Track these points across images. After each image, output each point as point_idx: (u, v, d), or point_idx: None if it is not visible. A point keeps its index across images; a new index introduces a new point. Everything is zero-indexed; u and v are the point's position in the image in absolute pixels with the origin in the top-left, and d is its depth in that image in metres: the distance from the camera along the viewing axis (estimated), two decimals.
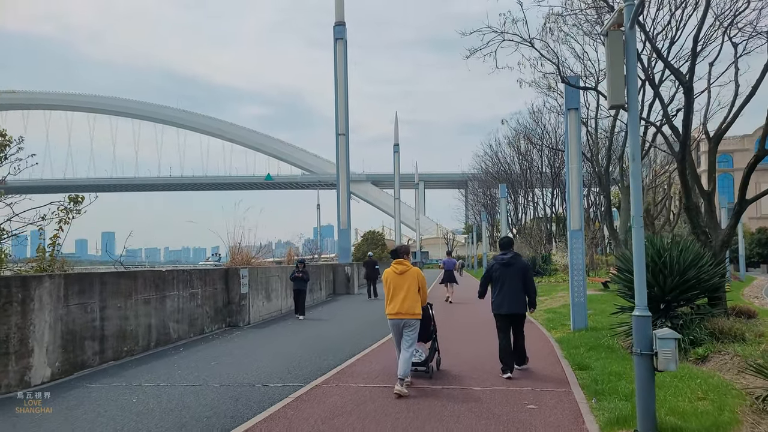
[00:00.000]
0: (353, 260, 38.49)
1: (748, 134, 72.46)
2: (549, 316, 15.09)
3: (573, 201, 11.82)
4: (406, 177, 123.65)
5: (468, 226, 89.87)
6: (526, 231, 50.96)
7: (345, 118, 26.59)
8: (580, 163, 11.95)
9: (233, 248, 15.12)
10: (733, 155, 73.10)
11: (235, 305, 13.83)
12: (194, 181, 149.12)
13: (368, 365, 8.60)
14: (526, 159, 54.40)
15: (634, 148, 5.17)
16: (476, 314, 14.70)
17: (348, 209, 26.62)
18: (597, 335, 10.63)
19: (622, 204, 17.82)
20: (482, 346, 9.79)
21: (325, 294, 23.01)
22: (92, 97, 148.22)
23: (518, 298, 7.77)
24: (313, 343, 10.96)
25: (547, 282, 28.08)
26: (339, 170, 26.50)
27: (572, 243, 11.84)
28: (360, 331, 12.63)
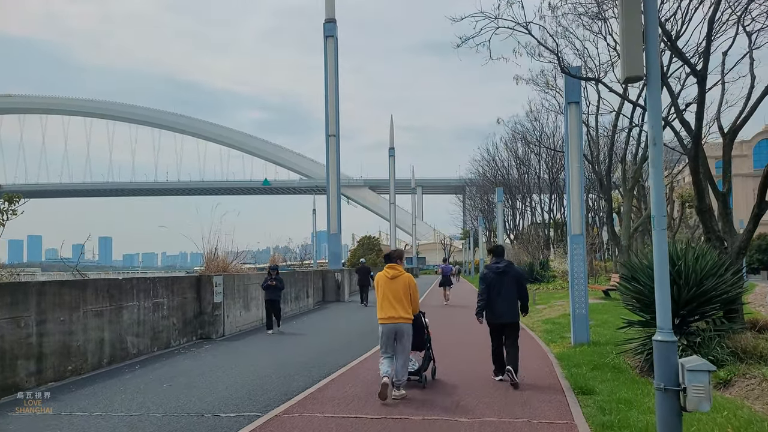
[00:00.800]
0: (350, 266, 37.55)
1: (746, 140, 71.92)
2: (548, 327, 14.04)
3: (573, 203, 10.80)
4: (403, 182, 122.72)
5: (465, 231, 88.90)
6: (523, 236, 49.98)
7: (335, 119, 25.59)
8: (582, 161, 10.94)
9: (208, 254, 14.06)
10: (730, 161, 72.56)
11: (208, 316, 12.76)
12: (191, 186, 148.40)
13: (342, 388, 7.54)
14: (523, 163, 53.49)
15: (656, 129, 4.15)
16: (472, 316, 13.73)
17: (339, 213, 25.59)
18: (600, 351, 9.58)
19: (624, 207, 16.82)
20: (477, 350, 9.73)
21: (312, 302, 21.94)
22: (89, 101, 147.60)
23: (513, 307, 7.75)
24: (285, 359, 9.89)
25: (545, 289, 27.02)
26: (329, 173, 25.48)
27: (572, 249, 10.82)
28: (341, 346, 11.57)
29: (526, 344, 11.37)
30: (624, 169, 16.86)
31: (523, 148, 52.90)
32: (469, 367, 8.94)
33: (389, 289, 6.94)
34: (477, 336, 10.36)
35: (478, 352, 9.50)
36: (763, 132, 73.46)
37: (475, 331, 10.48)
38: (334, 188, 25.48)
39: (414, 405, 6.62)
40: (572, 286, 10.83)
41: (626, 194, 16.50)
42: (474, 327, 10.56)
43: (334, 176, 25.40)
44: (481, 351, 8.99)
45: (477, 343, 10.25)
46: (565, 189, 11.10)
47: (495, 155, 58.90)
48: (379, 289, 7.05)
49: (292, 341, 12.22)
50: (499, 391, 7.28)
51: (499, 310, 7.65)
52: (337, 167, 25.47)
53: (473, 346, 10.61)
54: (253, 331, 14.10)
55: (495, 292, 7.69)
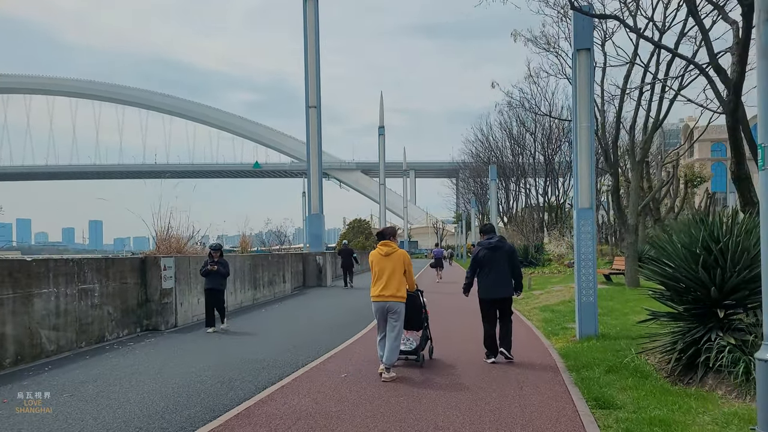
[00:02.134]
0: (338, 248, 35.86)
1: None
2: (546, 316, 12.41)
3: (582, 171, 9.08)
4: (396, 165, 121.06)
5: (458, 214, 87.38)
6: (517, 219, 48.39)
7: (316, 89, 23.67)
8: (593, 121, 9.19)
9: (160, 234, 12.27)
10: (727, 144, 71.24)
11: (156, 304, 11.02)
12: (180, 169, 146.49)
13: (286, 401, 5.84)
14: (518, 143, 51.74)
15: None
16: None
17: (320, 192, 23.78)
18: (613, 347, 7.92)
19: (632, 182, 15.12)
20: (471, 328, 9.78)
21: (290, 287, 20.23)
22: (75, 81, 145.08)
23: (506, 282, 7.62)
24: (235, 357, 8.18)
25: (540, 273, 25.45)
26: (310, 148, 23.61)
27: (579, 225, 9.11)
28: (308, 339, 9.87)
29: (522, 336, 9.73)
30: (632, 138, 15.12)
31: (518, 128, 51.19)
32: (464, 345, 8.93)
33: (383, 266, 6.77)
34: (470, 313, 9.94)
35: (472, 330, 9.40)
36: None
37: (467, 308, 10.37)
38: (315, 164, 23.64)
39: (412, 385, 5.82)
40: (578, 270, 9.15)
41: (635, 167, 14.80)
42: (466, 304, 10.08)
43: (315, 151, 23.54)
44: (476, 329, 8.52)
45: (471, 319, 10.11)
46: (574, 153, 9.35)
47: (489, 135, 57.17)
48: (373, 266, 6.88)
49: (251, 334, 10.51)
50: (496, 371, 7.15)
51: (492, 286, 7.55)
52: (319, 141, 23.59)
53: (466, 323, 10.78)
54: None
55: (487, 268, 7.58)
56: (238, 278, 15.07)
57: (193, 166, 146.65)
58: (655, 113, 14.25)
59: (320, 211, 23.71)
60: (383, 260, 6.81)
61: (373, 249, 7.12)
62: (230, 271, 11.17)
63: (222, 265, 10.60)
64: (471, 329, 11.28)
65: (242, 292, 15.31)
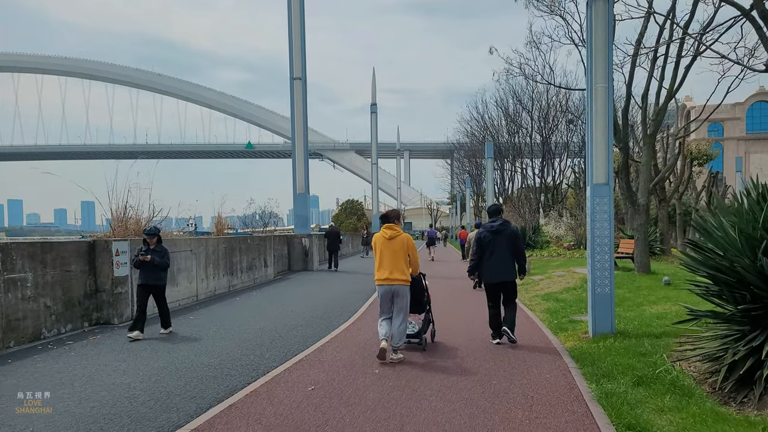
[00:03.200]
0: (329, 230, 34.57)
1: (740, 102, 69.11)
2: (550, 306, 11.15)
3: (598, 140, 7.72)
4: (390, 146, 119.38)
5: (453, 196, 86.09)
6: (513, 200, 47.15)
7: (301, 59, 22.09)
8: (611, 77, 7.80)
9: (116, 214, 10.84)
10: (724, 124, 69.83)
11: (107, 294, 9.66)
12: (172, 149, 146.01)
13: (231, 429, 4.53)
14: (514, 122, 50.26)
15: None
16: (457, 271, 13.99)
17: (306, 169, 22.34)
18: (636, 349, 6.65)
19: (643, 157, 13.75)
20: (469, 308, 10.22)
21: (273, 272, 18.90)
22: (63, 59, 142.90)
23: (509, 266, 7.56)
24: (185, 362, 6.85)
25: (539, 256, 24.21)
26: (294, 123, 22.10)
27: (594, 203, 7.78)
28: (277, 337, 8.56)
29: (526, 331, 8.48)
30: (645, 109, 13.71)
31: (515, 105, 49.67)
32: (466, 327, 8.98)
33: (387, 249, 6.75)
34: (464, 291, 10.32)
35: (469, 310, 9.68)
36: (757, 94, 70.85)
37: (461, 286, 10.53)
38: (301, 141, 22.15)
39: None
40: (591, 255, 7.85)
41: (646, 141, 13.41)
42: (460, 282, 11.12)
43: (301, 126, 22.03)
44: (471, 309, 8.90)
45: (467, 299, 10.44)
46: (588, 118, 7.98)
47: (484, 113, 55.65)
48: (377, 250, 6.84)
49: (214, 330, 9.16)
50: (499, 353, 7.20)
51: (494, 270, 7.52)
52: (304, 115, 22.06)
53: (462, 302, 10.96)
54: (181, 311, 11.06)
55: (489, 251, 7.56)
56: (211, 263, 13.72)
57: (184, 146, 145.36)
58: (671, 78, 12.84)
59: (306, 191, 22.29)
60: (387, 244, 6.75)
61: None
62: (169, 263, 9.21)
63: (159, 254, 8.36)
64: (467, 309, 11.00)
65: (216, 279, 13.97)
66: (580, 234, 25.41)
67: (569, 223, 28.10)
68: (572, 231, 28.94)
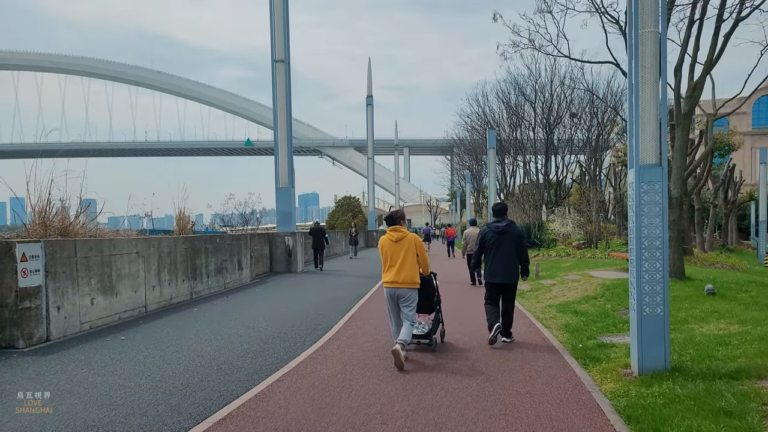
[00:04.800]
0: (328, 229, 32.48)
1: (746, 95, 67.13)
2: (569, 322, 9.07)
3: (645, 107, 5.62)
4: (388, 142, 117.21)
5: (452, 192, 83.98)
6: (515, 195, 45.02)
7: (284, 41, 20.00)
8: (664, 23, 5.69)
9: (39, 209, 8.76)
10: (729, 119, 67.97)
11: (10, 310, 7.59)
12: (171, 146, 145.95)
13: None
14: (516, 114, 48.08)
15: None
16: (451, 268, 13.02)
17: (290, 161, 20.27)
18: (714, 402, 4.58)
19: (677, 141, 11.65)
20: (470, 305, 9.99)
21: (250, 275, 16.84)
22: (63, 57, 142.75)
23: (511, 267, 7.42)
24: (58, 421, 4.80)
25: (546, 256, 22.12)
26: (276, 109, 20.03)
27: (641, 192, 5.69)
28: (214, 372, 6.49)
29: (543, 360, 6.45)
30: (678, 84, 11.55)
31: (517, 97, 47.54)
32: (468, 325, 8.80)
33: (394, 252, 6.60)
34: (463, 284, 9.97)
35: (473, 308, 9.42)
36: (764, 88, 68.86)
37: (461, 280, 10.22)
38: (284, 129, 20.07)
39: None
40: (637, 263, 5.73)
41: (680, 121, 11.27)
42: (459, 277, 10.71)
43: (284, 113, 19.94)
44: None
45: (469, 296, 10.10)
46: (629, 82, 5.88)
47: (485, 106, 53.50)
48: (383, 253, 6.70)
49: (130, 362, 7.06)
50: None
51: (497, 270, 7.44)
52: (287, 101, 19.96)
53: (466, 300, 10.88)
54: (114, 328, 9.01)
55: (493, 252, 7.50)
56: (166, 267, 11.67)
57: (184, 144, 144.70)
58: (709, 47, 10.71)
59: (290, 185, 20.23)
60: (394, 246, 6.63)
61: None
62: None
63: None
64: (472, 307, 10.30)
65: (173, 285, 11.91)
66: (590, 231, 23.35)
67: (577, 219, 26.03)
68: (581, 228, 26.90)
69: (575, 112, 47.32)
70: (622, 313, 9.26)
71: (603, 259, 18.73)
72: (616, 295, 10.75)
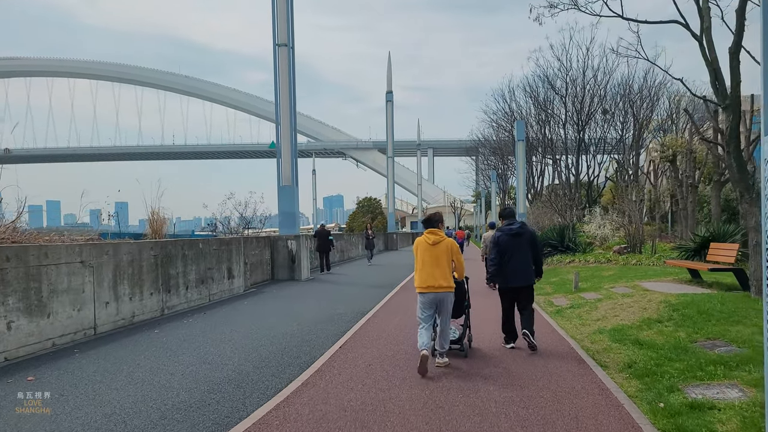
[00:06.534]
0: (348, 231, 30.58)
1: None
2: (632, 358, 6.69)
3: None
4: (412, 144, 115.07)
5: (477, 193, 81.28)
6: (542, 196, 42.20)
7: (287, 23, 17.95)
8: None
9: None
10: None
11: None
12: (198, 150, 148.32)
13: None
14: (544, 109, 45.32)
15: None
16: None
17: (293, 157, 18.20)
18: None
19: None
20: None
21: (243, 283, 14.79)
22: (95, 63, 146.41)
23: (526, 270, 7.38)
24: None
25: (582, 262, 19.55)
26: (279, 98, 17.98)
27: None
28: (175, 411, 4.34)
29: None
30: (735, 43, 8.81)
31: (545, 91, 44.78)
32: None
33: (430, 255, 6.49)
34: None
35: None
36: None
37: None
38: (286, 120, 18.00)
39: None
40: None
41: None
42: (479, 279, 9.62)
43: (287, 101, 17.85)
44: None
45: None
46: (763, 22, 3.54)
47: (511, 102, 50.82)
48: (419, 255, 6.58)
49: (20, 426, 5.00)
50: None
51: (512, 274, 7.32)
52: (291, 88, 17.89)
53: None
54: (40, 360, 7.00)
55: (508, 255, 7.35)
56: (126, 279, 9.63)
57: (210, 147, 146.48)
58: None
59: (293, 183, 18.15)
60: (430, 249, 6.51)
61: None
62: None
63: None
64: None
65: (135, 300, 9.87)
66: (632, 232, 20.69)
67: (618, 220, 23.35)
68: (619, 230, 24.21)
69: (607, 109, 44.41)
70: (705, 346, 6.85)
71: (652, 266, 16.15)
72: (688, 318, 8.30)
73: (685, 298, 9.63)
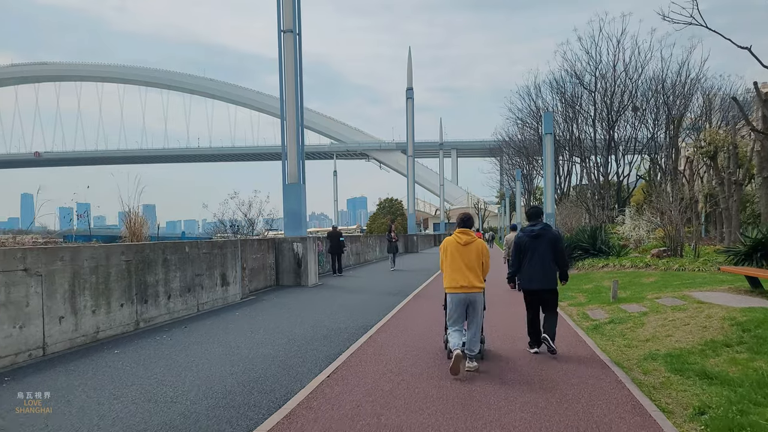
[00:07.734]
0: (369, 232, 29.12)
1: None
2: (701, 398, 5.09)
3: None
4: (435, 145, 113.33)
5: (501, 194, 79.11)
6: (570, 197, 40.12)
7: (293, 7, 16.59)
8: None
9: None
10: None
11: None
12: (222, 152, 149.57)
13: None
14: (571, 106, 43.25)
15: None
16: None
17: (300, 153, 16.81)
18: None
19: None
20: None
21: (240, 290, 13.44)
22: (122, 67, 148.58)
23: (548, 273, 7.13)
24: None
25: (618, 267, 17.71)
26: (284, 88, 16.62)
27: None
28: None
29: None
30: None
31: (573, 86, 42.73)
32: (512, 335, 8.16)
33: (462, 255, 6.36)
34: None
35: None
36: None
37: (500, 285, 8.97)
38: (292, 113, 16.63)
39: None
40: None
41: None
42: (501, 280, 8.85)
43: (292, 94, 16.51)
44: None
45: None
46: None
47: (537, 98, 48.84)
48: (448, 255, 6.44)
49: None
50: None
51: (533, 276, 7.15)
52: (297, 77, 16.52)
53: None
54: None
55: (528, 257, 7.20)
56: (88, 288, 8.31)
57: (234, 149, 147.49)
58: None
59: (300, 180, 16.76)
60: (462, 249, 6.37)
61: None
62: None
63: None
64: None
65: (100, 314, 8.53)
66: (672, 235, 18.74)
67: (654, 220, 21.39)
68: (654, 231, 22.27)
69: (638, 105, 42.18)
70: None
71: (699, 272, 14.27)
72: (765, 341, 6.59)
73: (755, 314, 7.87)
